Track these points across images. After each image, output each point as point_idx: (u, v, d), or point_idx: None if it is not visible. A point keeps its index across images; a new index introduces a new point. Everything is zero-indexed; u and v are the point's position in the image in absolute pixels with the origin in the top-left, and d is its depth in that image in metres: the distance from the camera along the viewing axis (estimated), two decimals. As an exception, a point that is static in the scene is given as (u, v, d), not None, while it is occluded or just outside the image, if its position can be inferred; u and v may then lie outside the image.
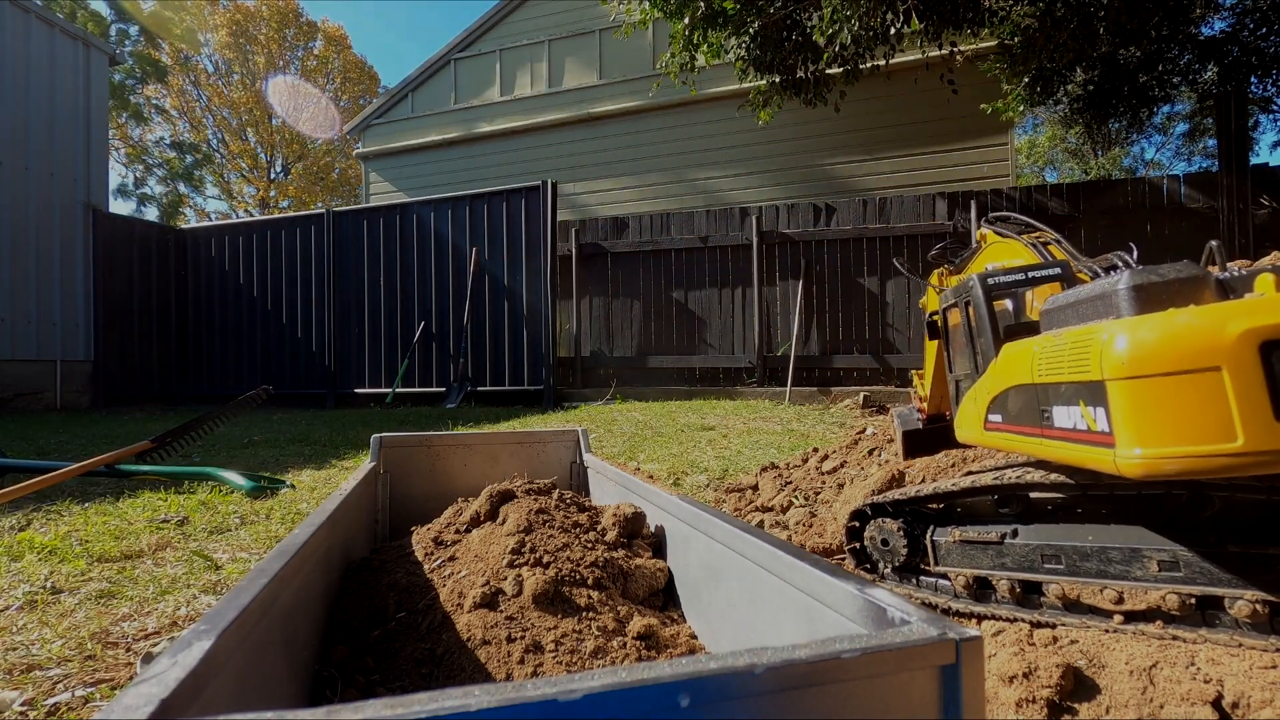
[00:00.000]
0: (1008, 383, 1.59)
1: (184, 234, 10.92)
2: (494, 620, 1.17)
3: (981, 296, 1.77)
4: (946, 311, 2.11)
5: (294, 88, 26.91)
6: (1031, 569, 1.56)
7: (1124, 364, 1.16)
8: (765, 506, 2.79)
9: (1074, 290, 1.46)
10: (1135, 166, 26.05)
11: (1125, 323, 1.21)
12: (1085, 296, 1.39)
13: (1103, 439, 1.21)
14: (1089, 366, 1.23)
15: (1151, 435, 1.13)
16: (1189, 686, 1.20)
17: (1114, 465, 1.18)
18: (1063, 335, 1.38)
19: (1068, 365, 1.32)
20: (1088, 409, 1.25)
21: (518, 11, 12.48)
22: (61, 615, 1.73)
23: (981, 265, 2.55)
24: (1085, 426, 1.26)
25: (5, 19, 8.86)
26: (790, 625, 0.91)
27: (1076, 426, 1.29)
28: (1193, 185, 7.39)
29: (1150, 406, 1.13)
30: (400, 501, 2.08)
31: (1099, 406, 1.22)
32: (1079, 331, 1.32)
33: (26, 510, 2.88)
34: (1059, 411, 1.36)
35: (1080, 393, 1.27)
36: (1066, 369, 1.32)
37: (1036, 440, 1.46)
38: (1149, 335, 1.15)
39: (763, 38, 6.56)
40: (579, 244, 9.36)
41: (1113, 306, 1.28)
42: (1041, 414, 1.43)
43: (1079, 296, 1.41)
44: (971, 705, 0.59)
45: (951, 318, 2.12)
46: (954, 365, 2.08)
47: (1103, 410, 1.21)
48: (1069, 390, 1.31)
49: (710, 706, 0.52)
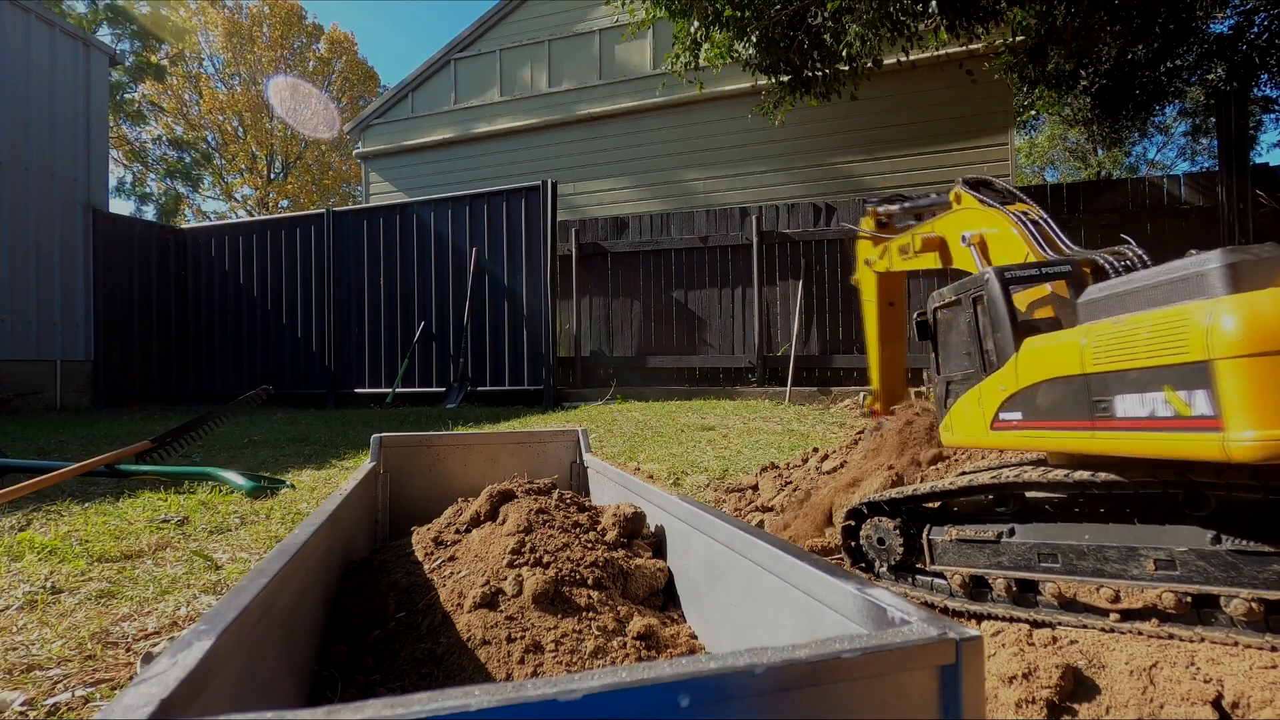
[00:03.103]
0: (1035, 377, 1.54)
1: (184, 234, 10.92)
2: (494, 620, 1.17)
3: (999, 290, 1.70)
4: (937, 311, 2.05)
5: (294, 87, 26.91)
6: (1028, 568, 1.56)
7: (1238, 342, 1.10)
8: (765, 506, 2.79)
9: (1135, 275, 1.41)
10: (1138, 165, 26.05)
11: (1237, 300, 1.15)
12: (1154, 281, 1.33)
13: (1204, 423, 1.15)
14: (1186, 347, 1.18)
15: (1271, 416, 1.07)
16: (1189, 686, 1.20)
17: (1222, 451, 1.13)
18: (1132, 320, 1.31)
19: (1148, 349, 1.25)
20: (1177, 394, 1.19)
21: (518, 11, 12.47)
22: (61, 615, 1.74)
23: (948, 229, 2.45)
24: (1173, 413, 1.20)
25: (5, 19, 8.86)
26: (790, 625, 0.91)
27: (1156, 414, 1.23)
28: (1193, 185, 7.39)
29: (1269, 385, 1.08)
30: (400, 501, 2.08)
31: (1198, 390, 1.16)
32: (1163, 314, 1.25)
33: (26, 510, 2.88)
34: (1126, 400, 1.29)
35: (1167, 377, 1.21)
36: (1145, 353, 1.25)
37: (1082, 434, 1.41)
38: (1270, 310, 1.10)
39: (766, 41, 6.56)
40: (579, 244, 9.36)
41: (1204, 286, 1.22)
42: (1095, 405, 1.37)
43: (1145, 281, 1.35)
44: (971, 705, 0.59)
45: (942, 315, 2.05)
46: (944, 365, 2.01)
47: (1204, 393, 1.15)
48: (1146, 376, 1.25)
49: (710, 706, 0.52)
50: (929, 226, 2.60)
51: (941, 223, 2.52)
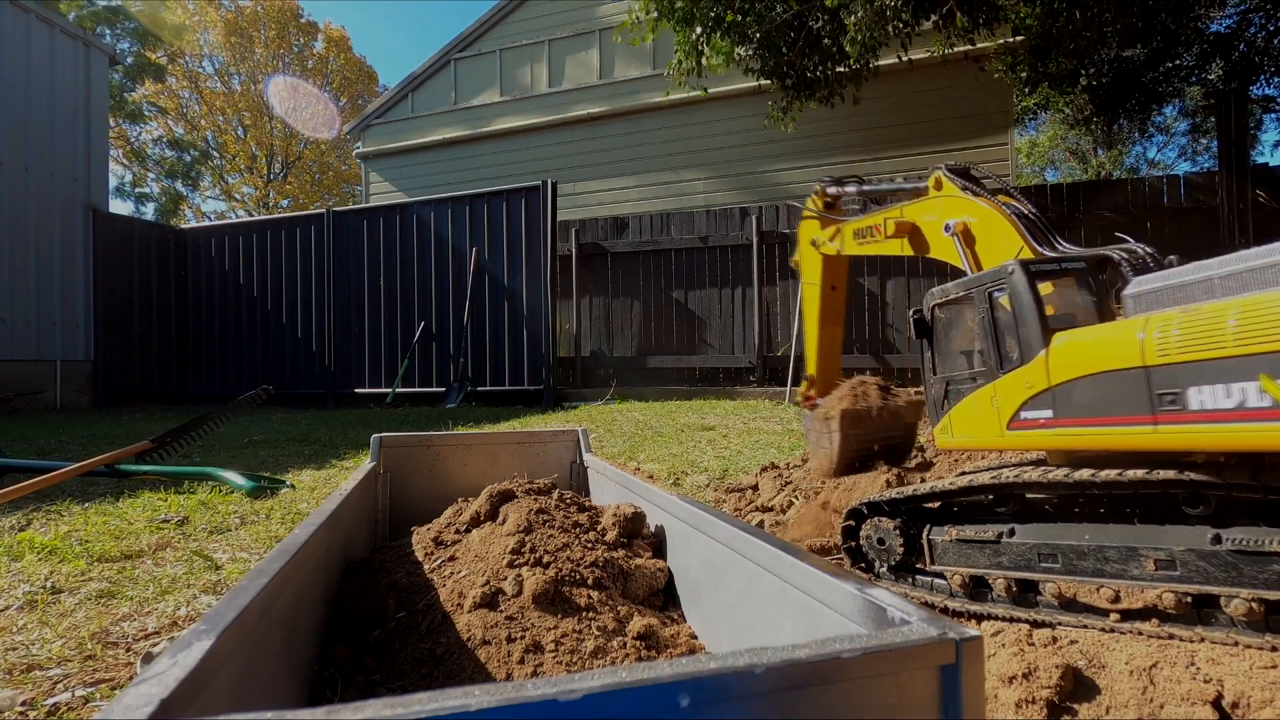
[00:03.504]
0: (1073, 373, 1.49)
1: (184, 234, 10.92)
2: (494, 620, 1.17)
3: (1025, 283, 1.64)
4: (936, 308, 1.97)
5: (294, 87, 26.92)
6: (1028, 568, 1.56)
7: None
8: (765, 506, 2.79)
9: (1198, 265, 1.38)
10: (1138, 165, 26.04)
11: None
12: (1229, 270, 1.31)
13: None
14: None
15: None
16: (1189, 686, 1.20)
17: None
18: (1212, 309, 1.29)
19: (1237, 338, 1.22)
20: (1276, 382, 1.17)
21: (518, 11, 12.47)
22: (61, 615, 1.74)
23: (924, 215, 2.32)
24: (1271, 402, 1.18)
25: (5, 19, 8.86)
26: (790, 625, 0.91)
27: (1247, 404, 1.21)
28: (1192, 185, 7.39)
29: None
30: (400, 501, 2.09)
31: None
32: (1257, 300, 1.22)
33: (26, 510, 2.88)
34: (1204, 392, 1.27)
35: (1263, 365, 1.19)
36: (1234, 342, 1.23)
37: (1141, 429, 1.37)
38: None
39: (767, 43, 6.58)
40: (579, 244, 9.36)
41: None
42: (1159, 399, 1.34)
43: (1216, 271, 1.33)
44: (971, 705, 0.59)
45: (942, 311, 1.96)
46: (942, 366, 1.94)
47: None
48: (1235, 365, 1.22)
49: (710, 706, 0.52)
50: (898, 211, 2.45)
51: (916, 208, 2.37)
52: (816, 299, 3.15)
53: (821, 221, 2.98)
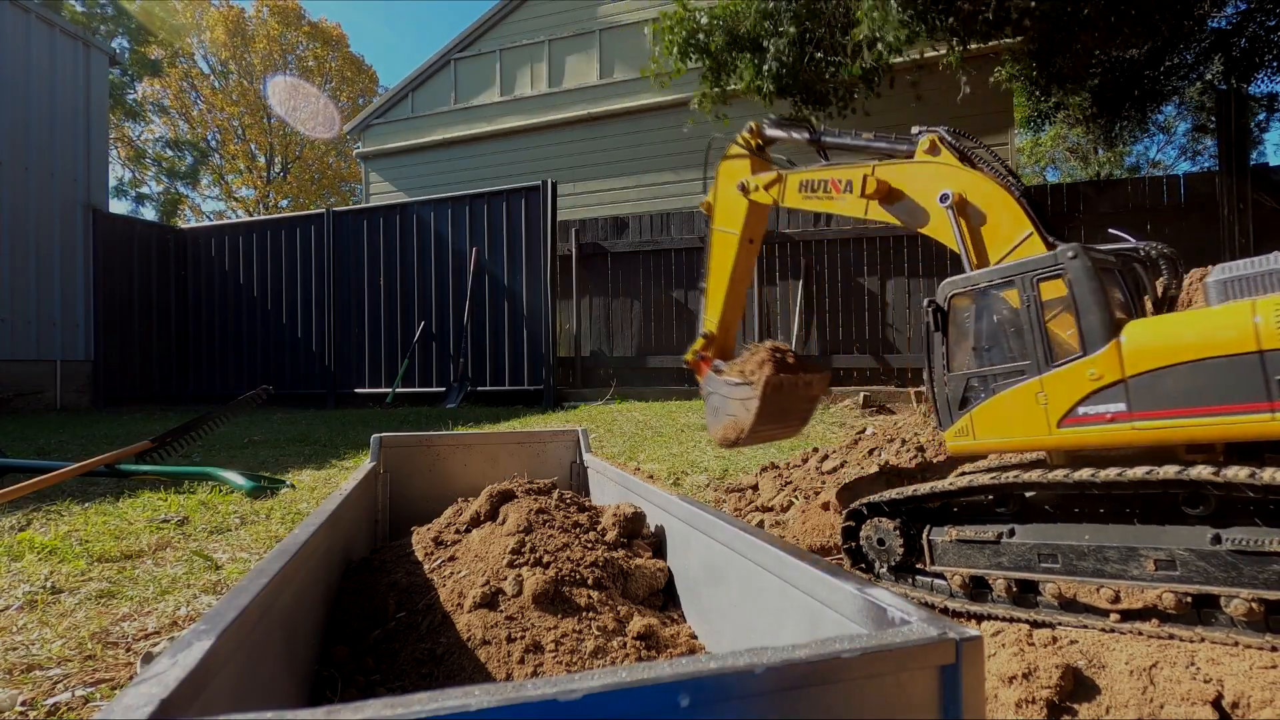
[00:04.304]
0: (1159, 362, 1.42)
1: (184, 234, 10.92)
2: (494, 620, 1.17)
3: (1089, 269, 1.52)
4: (953, 298, 1.83)
5: (294, 87, 26.91)
6: (1028, 568, 1.55)
7: None
8: (765, 506, 2.80)
9: None
10: (1139, 165, 26.03)
11: None
12: None
13: None
14: None
15: None
16: (1189, 686, 1.20)
17: None
18: None
19: None
20: None
21: (518, 11, 12.47)
22: (61, 615, 1.73)
23: (912, 180, 2.07)
24: None
25: (5, 19, 8.86)
26: (791, 625, 0.91)
27: None
28: (1192, 185, 7.39)
29: None
30: (400, 501, 2.08)
31: None
32: None
33: (26, 510, 2.88)
34: None
35: None
36: None
37: (1258, 417, 1.31)
38: None
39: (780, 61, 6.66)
40: (579, 244, 9.36)
41: None
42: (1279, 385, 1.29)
43: None
44: (971, 705, 0.59)
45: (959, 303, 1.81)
46: (958, 361, 1.81)
47: None
48: None
49: (710, 706, 0.52)
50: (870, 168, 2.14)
51: (899, 170, 2.09)
52: (732, 251, 2.84)
53: (754, 164, 2.67)
